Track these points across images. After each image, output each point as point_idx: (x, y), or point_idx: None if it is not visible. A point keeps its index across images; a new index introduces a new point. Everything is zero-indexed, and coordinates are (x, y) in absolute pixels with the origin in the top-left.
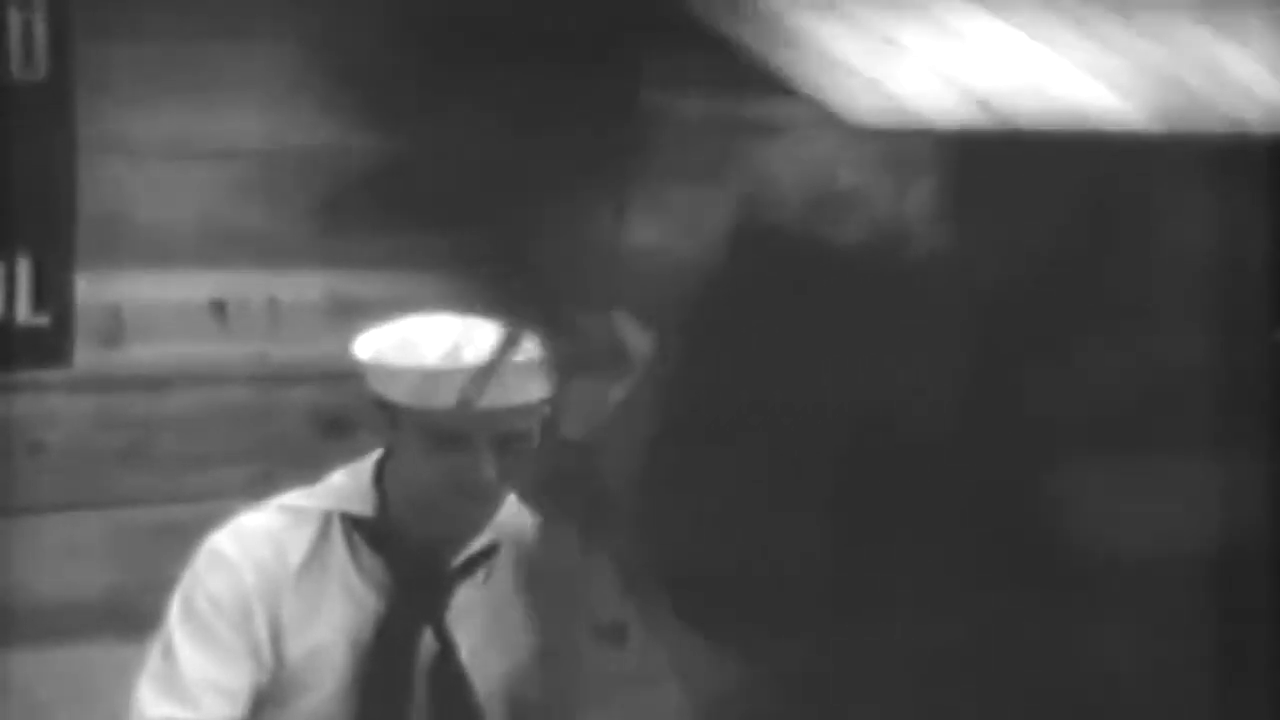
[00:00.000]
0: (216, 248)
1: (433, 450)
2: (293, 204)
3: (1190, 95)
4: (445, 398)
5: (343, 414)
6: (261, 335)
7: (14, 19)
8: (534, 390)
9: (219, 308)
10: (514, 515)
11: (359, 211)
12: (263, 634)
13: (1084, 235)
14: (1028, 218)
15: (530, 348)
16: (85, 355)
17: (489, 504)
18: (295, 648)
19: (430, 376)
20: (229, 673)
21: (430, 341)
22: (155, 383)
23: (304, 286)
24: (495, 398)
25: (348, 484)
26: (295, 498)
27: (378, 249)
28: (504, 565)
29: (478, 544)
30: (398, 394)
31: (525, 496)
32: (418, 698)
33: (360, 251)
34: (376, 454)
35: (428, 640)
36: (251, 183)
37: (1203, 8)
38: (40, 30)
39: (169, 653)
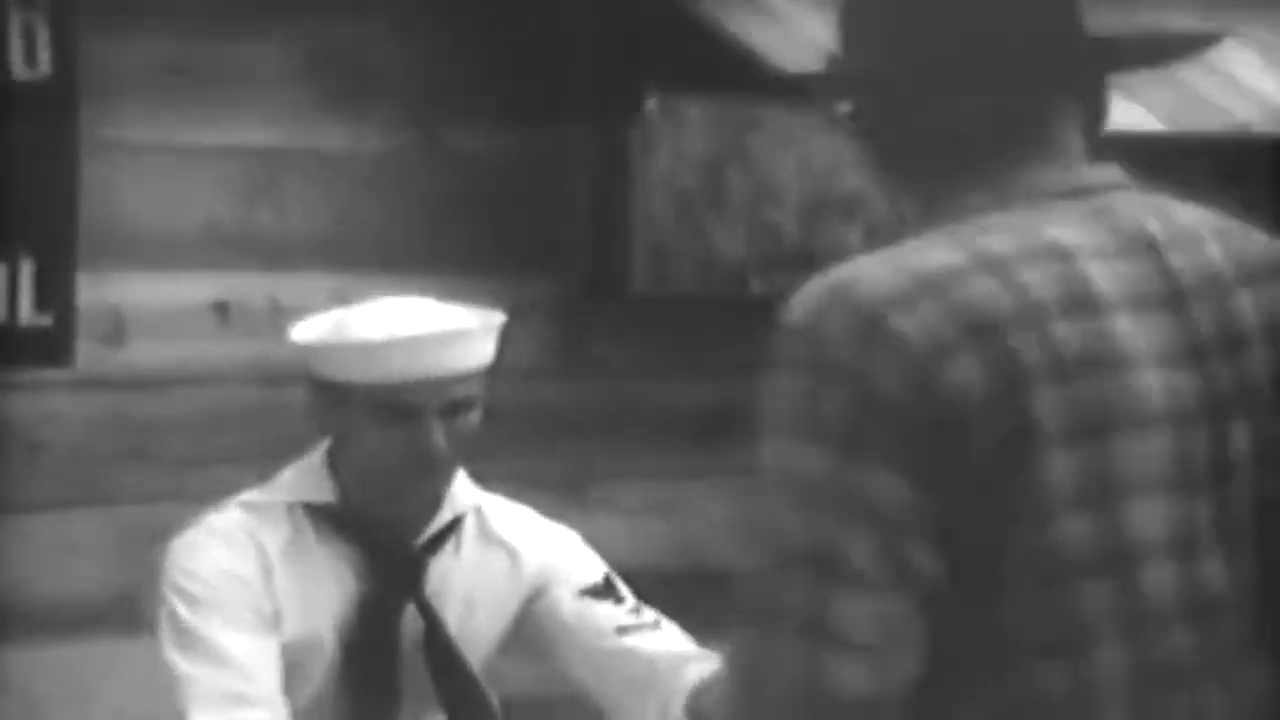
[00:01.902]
0: (218, 248)
1: (383, 425)
2: (295, 205)
3: (1194, 95)
4: (393, 369)
5: None
6: (263, 336)
7: (16, 18)
8: (478, 356)
9: (221, 308)
10: (468, 489)
11: (361, 212)
12: (266, 604)
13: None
14: None
15: (472, 315)
16: (87, 355)
17: (442, 474)
18: (289, 634)
19: (377, 349)
20: (259, 638)
21: (370, 317)
22: (157, 383)
23: (306, 287)
24: (441, 365)
25: (301, 476)
26: (252, 495)
27: (379, 250)
28: (470, 537)
29: (439, 521)
30: (344, 372)
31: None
32: (416, 673)
33: (362, 252)
34: (324, 446)
35: (414, 617)
36: (254, 183)
37: (1206, 9)
38: (42, 30)
39: (195, 646)
